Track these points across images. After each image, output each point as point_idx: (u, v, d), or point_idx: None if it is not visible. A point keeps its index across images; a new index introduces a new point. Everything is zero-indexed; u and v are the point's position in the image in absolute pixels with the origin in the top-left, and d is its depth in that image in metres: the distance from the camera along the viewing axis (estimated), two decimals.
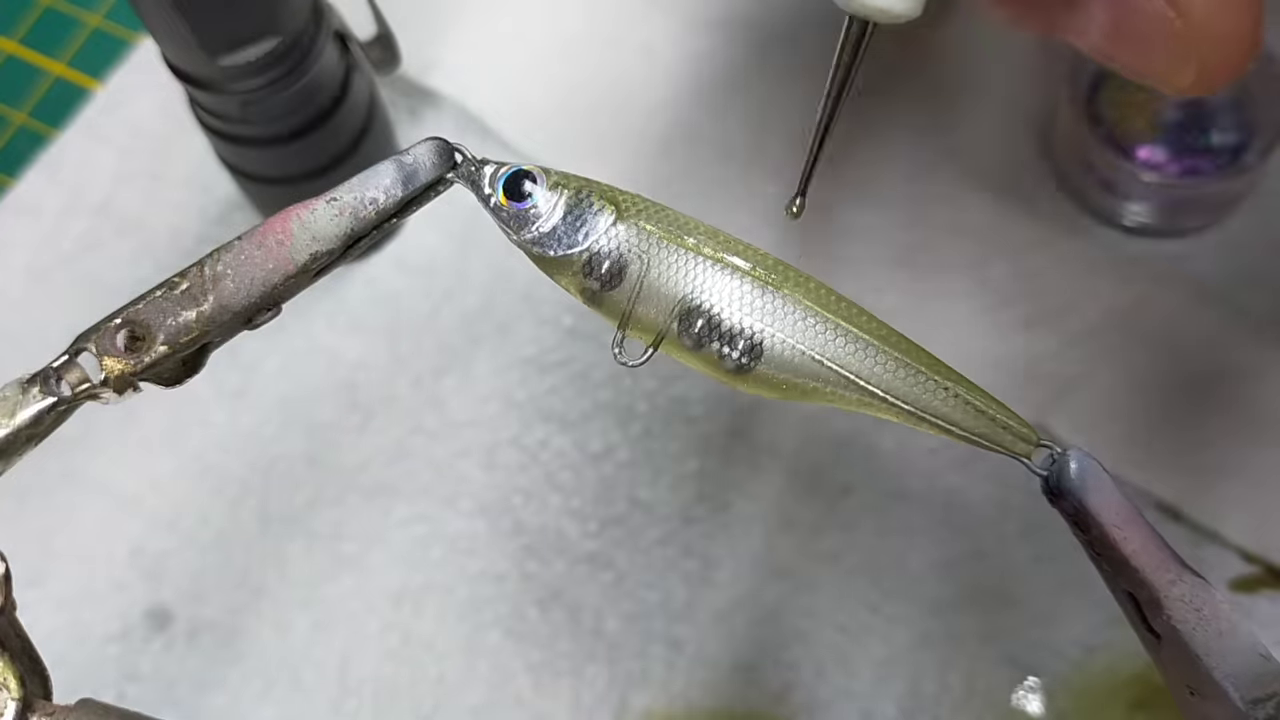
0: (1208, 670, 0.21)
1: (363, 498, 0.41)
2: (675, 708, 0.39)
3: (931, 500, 0.41)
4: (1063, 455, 0.23)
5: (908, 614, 0.40)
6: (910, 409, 0.24)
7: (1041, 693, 0.39)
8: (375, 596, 0.40)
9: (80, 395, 0.23)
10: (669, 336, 0.24)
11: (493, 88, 0.46)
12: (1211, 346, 0.42)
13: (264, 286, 0.24)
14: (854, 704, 0.39)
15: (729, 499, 0.41)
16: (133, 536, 0.41)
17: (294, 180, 0.39)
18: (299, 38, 0.35)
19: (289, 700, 0.40)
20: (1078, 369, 0.42)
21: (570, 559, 0.41)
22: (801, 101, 0.45)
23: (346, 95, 0.38)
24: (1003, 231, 0.43)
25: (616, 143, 0.45)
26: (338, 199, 0.24)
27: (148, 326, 0.23)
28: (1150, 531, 0.23)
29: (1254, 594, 0.39)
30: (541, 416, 0.42)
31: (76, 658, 0.40)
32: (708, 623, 0.40)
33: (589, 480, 0.41)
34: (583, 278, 0.24)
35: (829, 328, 0.24)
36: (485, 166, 0.25)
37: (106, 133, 0.46)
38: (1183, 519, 0.40)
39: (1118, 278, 0.42)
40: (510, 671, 0.40)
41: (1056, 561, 0.40)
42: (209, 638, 0.40)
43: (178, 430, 0.42)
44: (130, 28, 0.48)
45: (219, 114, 0.37)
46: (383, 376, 0.43)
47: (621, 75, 0.46)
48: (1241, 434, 0.41)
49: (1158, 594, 0.22)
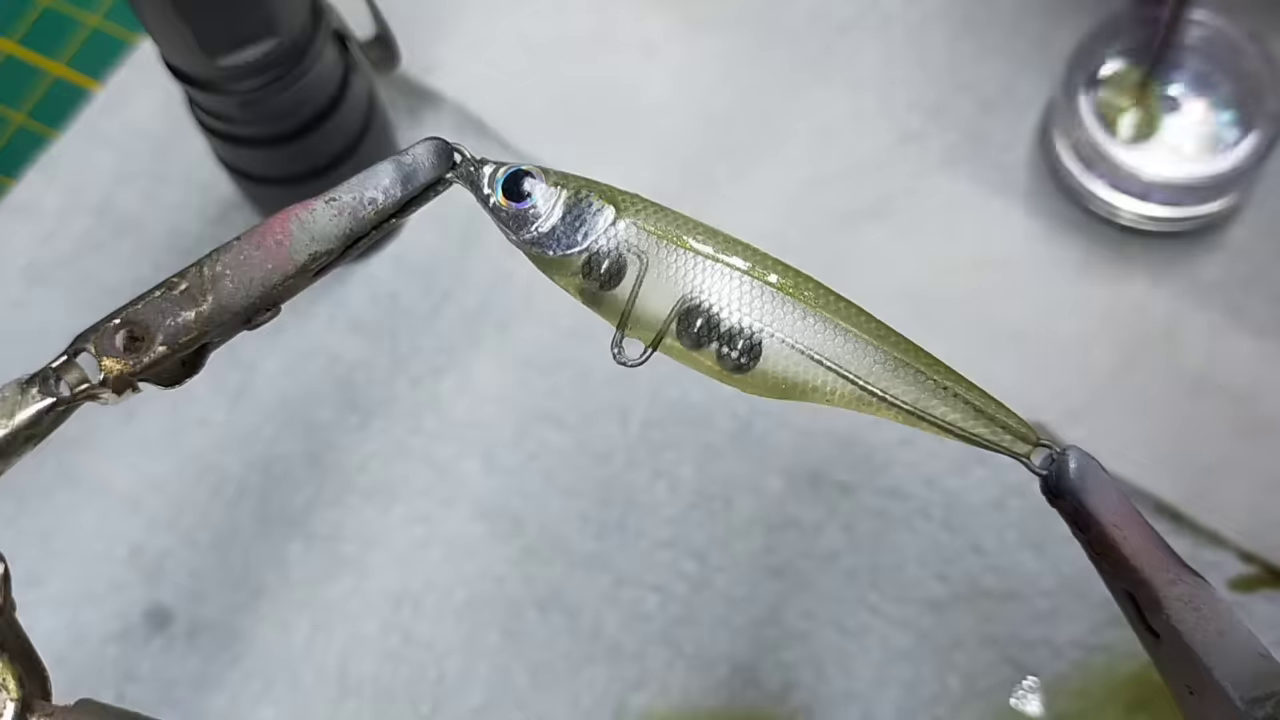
0: (1207, 670, 0.21)
1: (362, 498, 0.41)
2: (674, 708, 0.39)
3: (931, 500, 0.41)
4: (1062, 455, 0.23)
5: (907, 614, 0.40)
6: (909, 408, 0.24)
7: (1040, 693, 0.39)
8: (374, 597, 0.40)
9: (79, 396, 0.23)
10: (668, 336, 0.24)
11: (492, 88, 0.46)
12: (1210, 346, 0.42)
13: (263, 287, 0.24)
14: (853, 704, 0.39)
15: (729, 499, 0.41)
16: (132, 537, 0.41)
17: (293, 180, 0.39)
18: (298, 38, 0.35)
19: (288, 701, 0.40)
20: (1076, 368, 0.42)
21: (569, 560, 0.41)
22: (801, 101, 0.45)
23: (345, 95, 0.38)
24: (1000, 230, 0.43)
25: (616, 142, 0.45)
26: (337, 199, 0.24)
27: (147, 327, 0.23)
28: (1149, 531, 0.23)
29: (1253, 593, 0.39)
30: (541, 417, 0.42)
31: (75, 658, 0.40)
32: (707, 624, 0.40)
33: (588, 481, 0.41)
34: (582, 278, 0.24)
35: (828, 327, 0.24)
36: (484, 166, 0.25)
37: (105, 133, 0.46)
38: (1182, 519, 0.40)
39: (1116, 277, 0.42)
40: (509, 672, 0.40)
41: (1055, 561, 0.40)
42: (208, 638, 0.40)
43: (177, 431, 0.42)
44: (129, 28, 0.48)
45: (218, 114, 0.37)
46: (382, 377, 0.43)
47: (621, 75, 0.46)
48: (1240, 433, 0.41)
49: (1157, 593, 0.22)
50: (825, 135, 0.45)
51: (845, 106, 0.45)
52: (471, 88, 0.46)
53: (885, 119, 0.45)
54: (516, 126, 0.45)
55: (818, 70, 0.46)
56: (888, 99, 0.45)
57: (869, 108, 0.45)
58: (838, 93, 0.45)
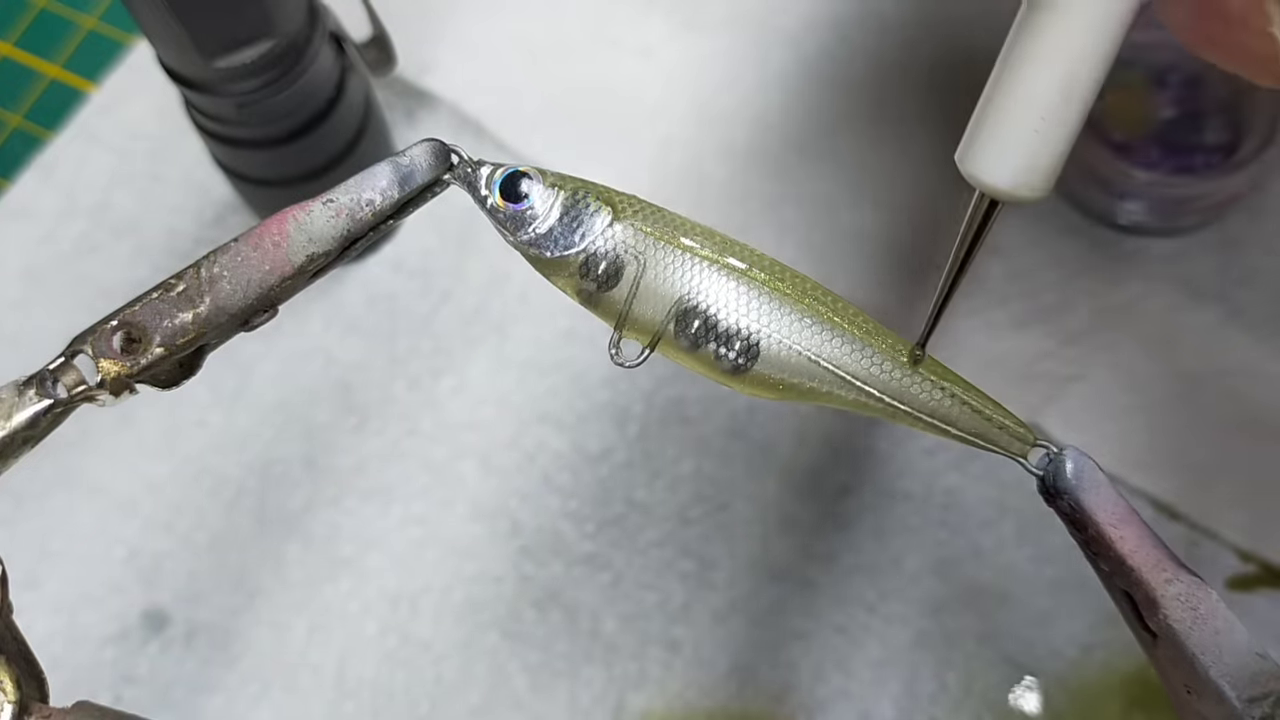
0: (1204, 669, 0.21)
1: (360, 499, 0.41)
2: (673, 708, 0.39)
3: (928, 500, 0.41)
4: (1059, 455, 0.23)
5: (905, 614, 0.40)
6: (906, 409, 0.24)
7: (1038, 692, 0.39)
8: (372, 598, 0.40)
9: (76, 397, 0.23)
10: (666, 337, 0.24)
11: (489, 89, 0.46)
12: (1207, 345, 0.42)
13: (260, 288, 0.24)
14: (852, 704, 0.39)
15: (726, 500, 0.41)
16: (129, 539, 0.41)
17: (290, 182, 0.39)
18: (294, 40, 0.35)
19: (286, 702, 0.39)
20: (1073, 368, 0.42)
21: (568, 560, 0.41)
22: (801, 102, 0.45)
23: (342, 97, 0.38)
24: (997, 230, 0.43)
25: (613, 144, 0.45)
26: (334, 200, 0.24)
27: (144, 329, 0.23)
28: (1146, 530, 0.23)
29: (1251, 593, 0.39)
30: (538, 418, 0.42)
31: (73, 660, 0.40)
32: (705, 623, 0.40)
33: (586, 481, 0.41)
34: (579, 279, 0.24)
35: (825, 328, 0.24)
36: (481, 167, 0.25)
37: (102, 135, 0.46)
38: (1179, 518, 0.40)
39: (1112, 276, 0.43)
40: (507, 673, 0.40)
41: (1053, 561, 0.40)
42: (206, 640, 0.40)
43: (174, 432, 0.42)
44: (125, 30, 0.48)
45: (214, 116, 0.37)
46: (380, 378, 0.43)
47: (619, 76, 0.46)
48: (1237, 432, 0.41)
49: (1154, 593, 0.22)
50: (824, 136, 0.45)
51: (844, 107, 0.45)
52: (468, 89, 0.46)
53: (884, 121, 0.45)
54: (513, 128, 0.45)
55: (817, 70, 0.46)
56: (882, 102, 0.45)
57: (868, 109, 0.45)
58: (837, 93, 0.45)
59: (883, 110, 0.45)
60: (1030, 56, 0.22)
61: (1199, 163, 0.41)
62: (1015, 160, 0.22)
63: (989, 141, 0.22)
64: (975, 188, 0.23)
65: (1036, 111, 0.22)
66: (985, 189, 0.23)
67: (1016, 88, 0.22)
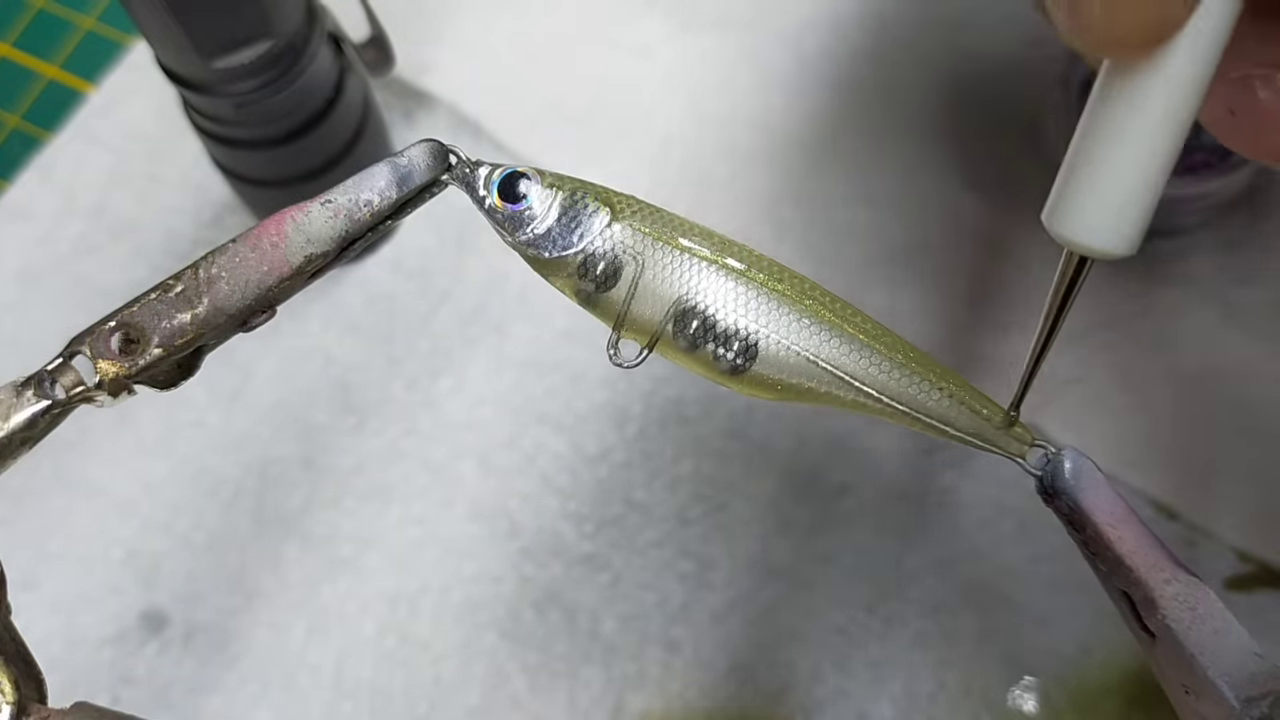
0: (1202, 669, 0.21)
1: (358, 500, 0.41)
2: (672, 709, 0.39)
3: (927, 500, 0.41)
4: (1057, 455, 0.23)
5: (904, 614, 0.40)
6: (905, 409, 0.24)
7: (1037, 692, 0.39)
8: (371, 599, 0.40)
9: (75, 398, 0.23)
10: (664, 338, 0.24)
11: (487, 89, 0.46)
12: (1206, 345, 0.42)
13: (259, 289, 0.24)
14: (850, 704, 0.39)
15: (725, 500, 0.41)
16: (128, 539, 0.41)
17: (288, 183, 0.39)
18: (293, 40, 0.35)
19: (284, 703, 0.39)
20: (1072, 368, 0.42)
21: (567, 561, 0.41)
22: (800, 101, 0.45)
23: (340, 97, 0.38)
24: (996, 231, 0.43)
25: (612, 144, 0.45)
26: (332, 201, 0.24)
27: (142, 329, 0.23)
28: (1145, 530, 0.23)
29: (1249, 593, 0.39)
30: (537, 418, 0.42)
31: (71, 661, 0.40)
32: (704, 624, 0.40)
33: (585, 482, 0.41)
34: (578, 279, 0.24)
35: (824, 328, 0.24)
36: (480, 168, 0.25)
37: (100, 135, 0.46)
38: (1178, 518, 0.40)
39: (1111, 276, 0.43)
40: (506, 673, 0.40)
41: (1052, 561, 0.40)
42: (204, 641, 0.40)
43: (172, 433, 0.42)
44: (123, 30, 0.48)
45: (213, 116, 0.37)
46: (378, 379, 0.43)
47: (617, 76, 0.46)
48: (1237, 433, 0.41)
49: (1152, 593, 0.22)
50: (823, 136, 0.45)
51: (844, 107, 0.45)
52: (466, 89, 0.46)
53: (884, 121, 0.45)
54: (511, 128, 0.45)
55: (816, 71, 0.46)
56: (881, 102, 0.45)
57: (867, 109, 0.45)
58: (836, 93, 0.45)
59: (882, 110, 0.45)
60: (1122, 124, 0.22)
61: (1199, 163, 0.41)
62: (1108, 221, 0.22)
63: (1083, 204, 0.22)
64: (1064, 247, 0.23)
65: (1131, 177, 0.22)
66: (1079, 249, 0.23)
67: (1109, 153, 0.22)
